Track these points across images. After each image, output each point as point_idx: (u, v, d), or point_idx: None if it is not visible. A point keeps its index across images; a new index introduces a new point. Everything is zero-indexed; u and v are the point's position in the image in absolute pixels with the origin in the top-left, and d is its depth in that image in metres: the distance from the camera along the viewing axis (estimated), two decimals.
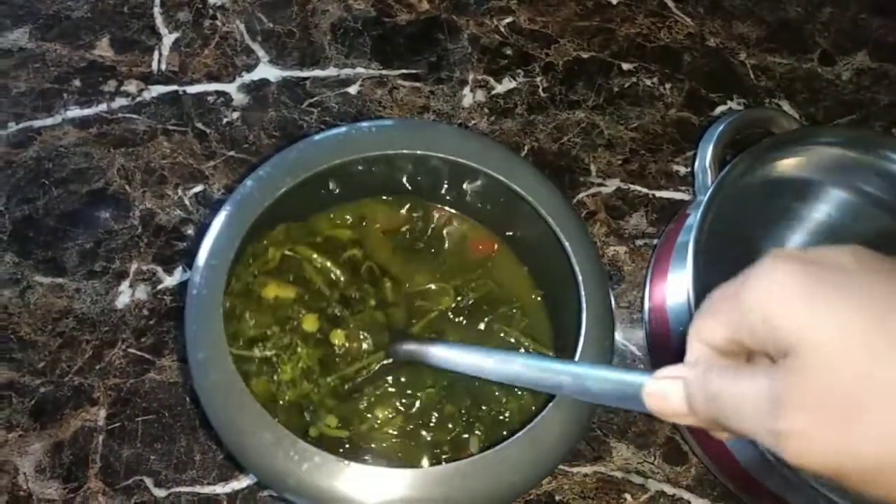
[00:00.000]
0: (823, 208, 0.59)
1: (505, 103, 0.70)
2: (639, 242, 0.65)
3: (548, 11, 0.75)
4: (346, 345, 0.49)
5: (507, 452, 0.39)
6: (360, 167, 0.48)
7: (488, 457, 0.38)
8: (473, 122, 0.68)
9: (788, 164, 0.55)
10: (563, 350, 0.45)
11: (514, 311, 0.54)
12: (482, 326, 0.53)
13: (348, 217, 0.54)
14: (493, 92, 0.70)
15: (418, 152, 0.49)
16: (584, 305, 0.43)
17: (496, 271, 0.55)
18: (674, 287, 0.52)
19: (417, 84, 0.69)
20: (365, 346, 0.49)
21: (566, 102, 0.71)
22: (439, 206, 0.56)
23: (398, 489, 0.38)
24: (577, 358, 0.42)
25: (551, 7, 0.75)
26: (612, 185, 0.68)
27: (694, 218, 0.51)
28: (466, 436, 0.50)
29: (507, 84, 0.71)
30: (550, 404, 0.40)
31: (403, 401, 0.48)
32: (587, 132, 0.70)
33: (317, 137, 0.48)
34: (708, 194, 0.50)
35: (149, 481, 0.53)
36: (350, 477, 0.37)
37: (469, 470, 0.38)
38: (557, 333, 0.51)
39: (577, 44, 0.74)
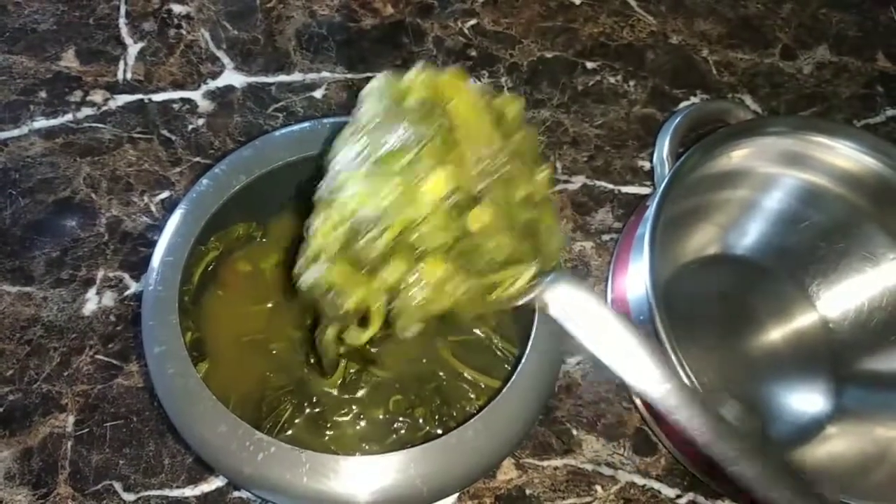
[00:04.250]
0: (779, 196, 0.59)
1: None
2: (605, 237, 0.66)
3: (511, 13, 0.76)
4: (489, 242, 0.35)
5: (463, 436, 0.39)
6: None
7: (441, 442, 0.39)
8: None
9: (742, 154, 0.56)
10: (524, 341, 0.46)
11: None
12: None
13: None
14: None
15: None
16: None
17: None
18: (633, 279, 0.53)
19: None
20: (508, 246, 0.36)
21: (531, 101, 0.72)
22: None
23: (355, 476, 0.38)
24: (529, 343, 0.42)
25: (514, 9, 0.76)
26: (578, 181, 0.68)
27: (651, 210, 0.52)
28: (440, 432, 0.51)
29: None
30: (504, 389, 0.41)
31: (363, 417, 0.48)
32: (552, 130, 0.70)
33: (276, 134, 0.48)
34: (662, 186, 0.51)
35: (118, 486, 0.53)
36: (306, 466, 0.38)
37: (422, 456, 0.38)
38: (519, 326, 0.51)
39: (540, 44, 0.75)
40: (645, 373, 0.36)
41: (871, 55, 0.78)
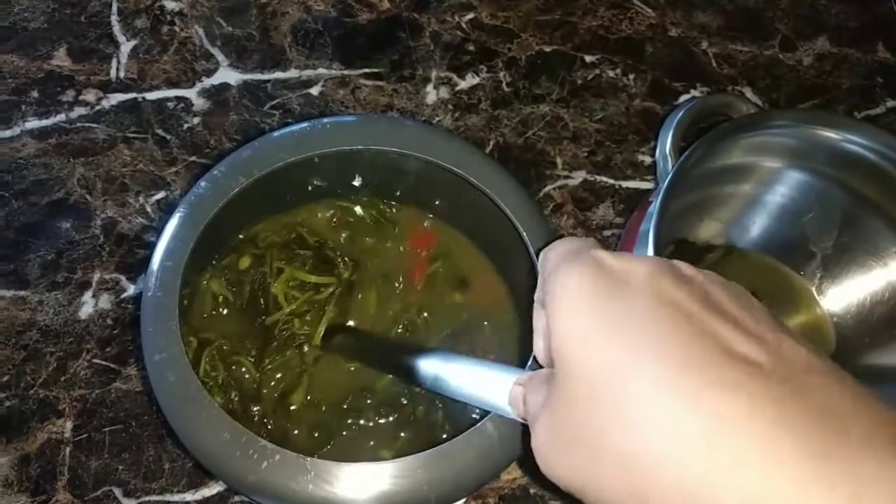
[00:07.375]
0: (783, 191, 0.59)
1: (469, 99, 0.70)
2: (606, 233, 0.65)
3: (509, 6, 0.75)
4: None
5: (469, 440, 0.38)
6: (318, 164, 0.48)
7: (448, 447, 0.38)
8: (437, 118, 0.68)
9: (746, 149, 0.55)
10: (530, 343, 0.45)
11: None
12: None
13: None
14: (457, 88, 0.70)
15: (382, 147, 0.48)
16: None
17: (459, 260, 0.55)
18: None
19: (380, 83, 0.69)
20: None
21: (530, 96, 0.71)
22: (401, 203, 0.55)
23: (361, 483, 0.37)
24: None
25: (512, 2, 0.75)
26: (579, 177, 0.68)
27: (655, 206, 0.51)
28: (445, 436, 0.50)
29: (470, 80, 0.71)
30: None
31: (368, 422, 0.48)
32: (552, 125, 0.70)
33: (275, 134, 0.47)
34: (666, 181, 0.50)
35: (117, 491, 0.53)
36: (311, 473, 0.37)
37: (429, 461, 0.38)
38: (524, 328, 0.51)
39: (539, 38, 0.74)
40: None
41: (871, 46, 0.78)
